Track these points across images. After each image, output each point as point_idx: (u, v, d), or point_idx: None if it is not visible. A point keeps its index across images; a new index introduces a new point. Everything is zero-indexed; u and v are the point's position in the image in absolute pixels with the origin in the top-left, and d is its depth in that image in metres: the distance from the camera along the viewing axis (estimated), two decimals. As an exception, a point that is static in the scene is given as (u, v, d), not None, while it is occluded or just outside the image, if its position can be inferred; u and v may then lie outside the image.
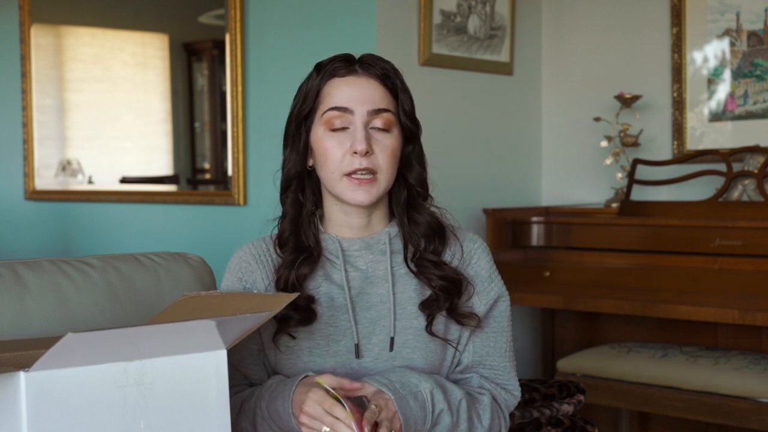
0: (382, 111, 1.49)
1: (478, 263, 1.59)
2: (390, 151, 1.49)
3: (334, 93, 1.50)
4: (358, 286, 1.53)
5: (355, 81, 1.50)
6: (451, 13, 3.27)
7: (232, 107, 3.43)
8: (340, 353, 1.50)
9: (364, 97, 1.48)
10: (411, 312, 1.53)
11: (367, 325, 1.51)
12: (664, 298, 2.76)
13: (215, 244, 3.41)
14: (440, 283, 1.52)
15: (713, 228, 2.84)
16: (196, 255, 1.87)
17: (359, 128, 1.47)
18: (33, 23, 4.21)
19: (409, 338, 1.52)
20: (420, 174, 1.56)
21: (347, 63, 1.52)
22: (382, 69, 1.52)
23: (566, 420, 1.94)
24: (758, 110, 3.22)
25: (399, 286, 1.54)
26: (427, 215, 1.56)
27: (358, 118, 1.48)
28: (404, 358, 1.51)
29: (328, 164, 1.49)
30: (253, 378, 1.56)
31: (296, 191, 1.56)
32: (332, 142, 1.49)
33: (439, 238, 1.56)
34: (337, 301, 1.52)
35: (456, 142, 3.33)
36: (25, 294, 1.55)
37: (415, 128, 1.55)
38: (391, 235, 1.56)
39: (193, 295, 1.46)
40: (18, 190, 4.36)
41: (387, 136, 1.50)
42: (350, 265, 1.54)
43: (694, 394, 2.70)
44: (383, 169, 1.49)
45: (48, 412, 1.14)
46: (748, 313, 2.58)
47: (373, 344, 1.51)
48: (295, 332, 1.50)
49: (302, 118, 1.53)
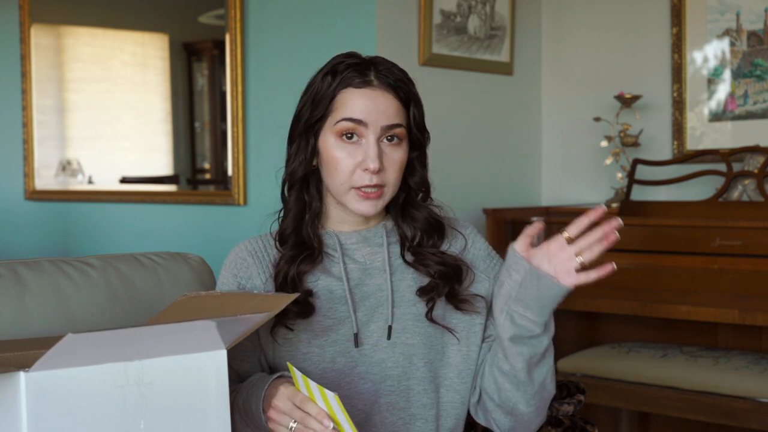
0: (395, 126, 1.50)
1: (475, 245, 1.61)
2: (399, 166, 1.51)
3: (349, 104, 1.49)
4: (356, 278, 1.54)
5: (371, 94, 1.49)
6: (451, 13, 3.27)
7: (232, 107, 3.43)
8: (339, 342, 1.50)
9: (379, 111, 1.48)
10: (409, 299, 1.54)
11: (365, 312, 1.52)
12: (664, 298, 2.76)
13: (215, 244, 3.41)
14: (439, 269, 1.53)
15: (713, 228, 2.84)
16: (196, 255, 1.87)
17: (372, 144, 1.47)
18: (33, 23, 4.21)
19: (408, 323, 1.52)
20: (421, 177, 1.57)
21: (363, 70, 1.50)
22: (396, 80, 1.51)
23: (566, 420, 1.94)
24: (758, 110, 3.22)
25: (397, 275, 1.55)
26: (426, 212, 1.58)
27: (371, 132, 1.48)
28: (403, 344, 1.51)
29: (338, 175, 1.49)
30: (244, 375, 1.56)
31: (301, 190, 1.56)
32: (343, 153, 1.49)
33: (438, 234, 1.57)
34: (336, 293, 1.52)
35: (456, 142, 3.33)
36: (25, 294, 1.55)
37: (423, 138, 1.56)
38: (387, 228, 1.58)
39: (193, 295, 1.46)
40: (18, 190, 4.36)
41: (396, 150, 1.50)
42: (348, 257, 1.55)
43: (694, 394, 2.70)
44: (390, 183, 1.50)
45: (48, 412, 1.14)
46: (748, 313, 2.58)
47: (372, 331, 1.51)
48: (293, 324, 1.51)
49: (312, 122, 1.52)
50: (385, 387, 1.51)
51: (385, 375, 1.51)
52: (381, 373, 1.51)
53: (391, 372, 1.51)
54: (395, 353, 1.51)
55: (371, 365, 1.51)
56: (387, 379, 1.51)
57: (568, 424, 1.92)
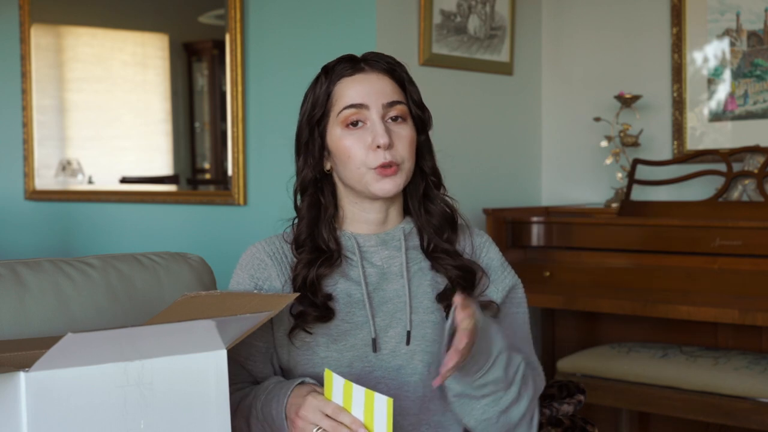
0: (396, 103, 1.51)
1: (488, 255, 1.62)
2: (409, 141, 1.51)
3: (346, 92, 1.51)
4: (374, 282, 1.53)
5: (364, 78, 1.51)
6: (451, 13, 3.27)
7: (232, 107, 3.43)
8: (357, 347, 1.50)
9: (376, 92, 1.50)
10: (427, 306, 1.53)
11: (384, 318, 1.51)
12: (664, 298, 2.76)
13: (215, 244, 3.41)
14: (455, 273, 1.54)
15: (713, 228, 2.84)
16: (196, 255, 1.87)
17: (377, 122, 1.49)
18: (33, 23, 4.21)
19: (427, 331, 1.52)
20: (433, 163, 1.58)
21: (353, 62, 1.53)
22: (387, 63, 1.54)
23: (566, 420, 1.94)
24: (758, 110, 3.22)
25: (414, 281, 1.55)
26: (441, 204, 1.58)
27: (374, 112, 1.49)
28: (423, 352, 1.51)
29: (352, 161, 1.50)
30: (258, 376, 1.55)
31: (314, 194, 1.56)
32: (352, 139, 1.50)
33: (452, 227, 1.58)
34: (354, 297, 1.52)
35: (456, 142, 3.32)
36: (25, 294, 1.55)
37: (426, 117, 1.57)
38: (405, 231, 1.58)
39: (193, 295, 1.46)
40: (18, 190, 4.36)
41: (403, 127, 1.51)
42: (366, 261, 1.55)
43: (694, 394, 2.70)
44: (405, 159, 1.51)
45: (48, 412, 1.14)
46: (748, 313, 2.58)
47: (390, 337, 1.51)
48: (312, 328, 1.50)
49: (315, 123, 1.53)
50: (402, 393, 1.50)
51: (402, 381, 1.50)
52: (398, 378, 1.50)
53: (409, 378, 1.51)
54: (414, 360, 1.51)
55: (389, 370, 1.50)
56: (404, 386, 1.51)
57: (568, 424, 1.92)
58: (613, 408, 3.04)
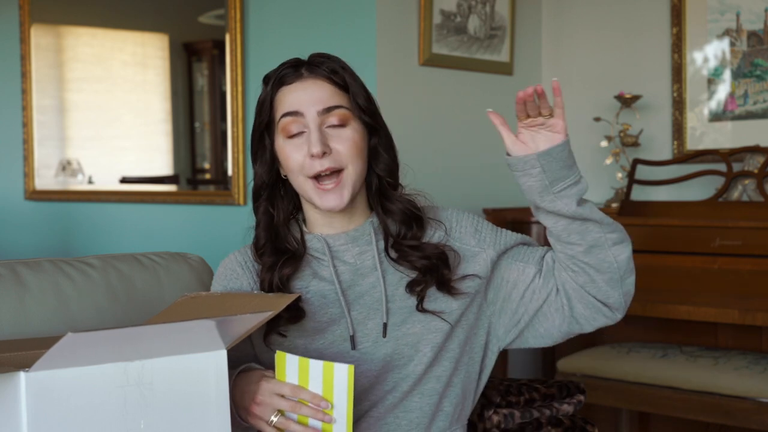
0: (333, 108, 1.50)
1: (459, 227, 1.59)
2: (351, 144, 1.50)
3: (284, 100, 1.52)
4: (348, 279, 1.53)
5: (301, 85, 1.52)
6: (451, 13, 3.27)
7: (232, 107, 3.43)
8: (336, 343, 1.50)
9: (312, 99, 1.50)
10: (403, 294, 1.53)
11: (360, 311, 1.52)
12: (664, 298, 2.76)
13: (215, 244, 3.41)
14: (423, 263, 1.52)
15: (713, 228, 2.84)
16: (196, 255, 1.87)
17: (313, 130, 1.49)
18: (33, 23, 4.21)
19: (406, 316, 1.52)
20: (388, 164, 1.56)
21: (294, 68, 1.54)
22: (328, 68, 1.53)
23: (566, 420, 1.94)
24: (758, 110, 3.22)
25: (389, 271, 1.54)
26: (400, 203, 1.56)
27: (310, 120, 1.49)
28: (405, 335, 1.51)
29: (293, 170, 1.51)
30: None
31: (266, 201, 1.57)
32: (291, 148, 1.51)
33: (416, 224, 1.56)
34: (329, 297, 1.52)
35: (456, 142, 3.33)
36: (25, 294, 1.55)
37: (374, 120, 1.54)
38: (374, 225, 1.57)
39: (193, 295, 1.47)
40: (18, 190, 4.36)
41: (344, 131, 1.50)
42: (338, 260, 1.55)
43: (694, 394, 2.70)
44: (348, 164, 1.50)
45: (48, 412, 1.14)
46: (748, 313, 2.57)
47: (369, 329, 1.51)
48: (286, 330, 1.50)
49: (263, 129, 1.55)
50: (385, 377, 1.51)
51: (387, 368, 1.51)
52: (383, 367, 1.51)
53: (395, 363, 1.51)
54: (399, 345, 1.51)
55: (372, 362, 1.50)
56: (390, 371, 1.51)
57: (568, 424, 1.92)
58: (613, 408, 3.04)
